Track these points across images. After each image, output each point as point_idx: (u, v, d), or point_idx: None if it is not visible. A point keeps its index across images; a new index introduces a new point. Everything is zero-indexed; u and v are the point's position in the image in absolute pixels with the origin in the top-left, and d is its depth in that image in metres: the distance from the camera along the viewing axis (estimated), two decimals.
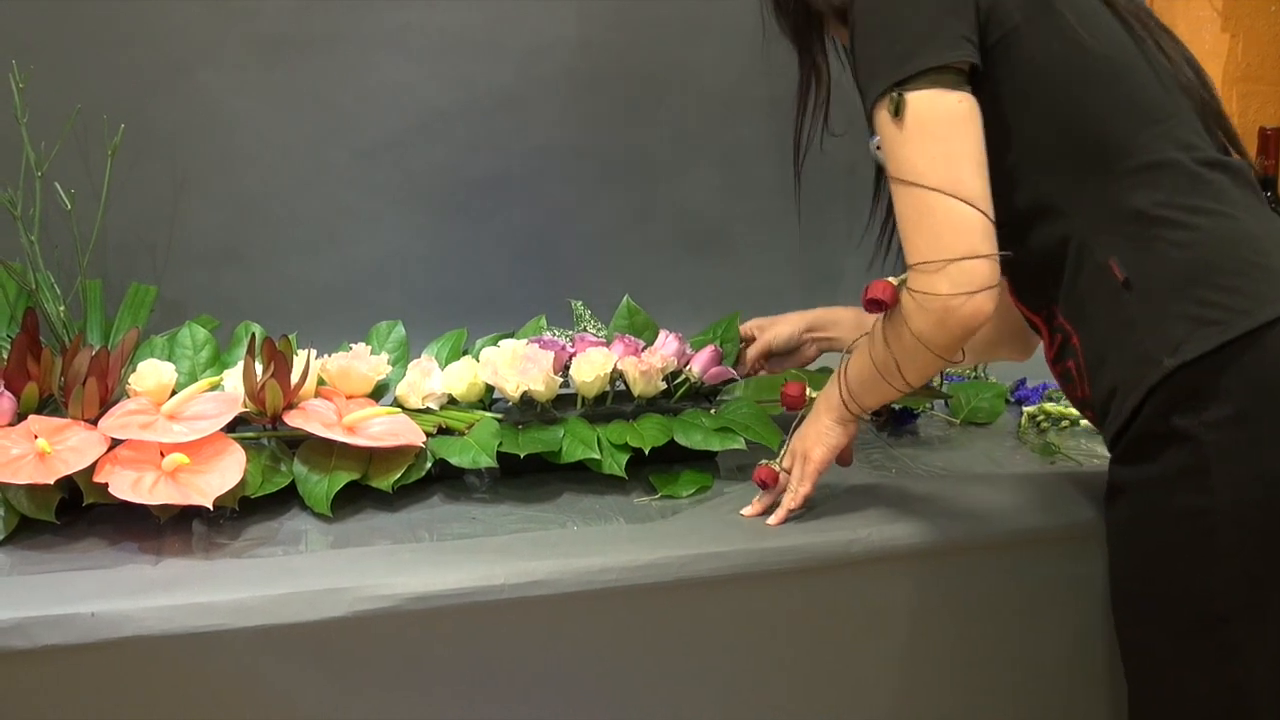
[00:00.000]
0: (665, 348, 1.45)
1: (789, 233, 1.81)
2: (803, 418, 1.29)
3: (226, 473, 1.23)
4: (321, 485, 1.28)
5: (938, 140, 1.06)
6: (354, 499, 1.30)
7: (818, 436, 1.25)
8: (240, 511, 1.26)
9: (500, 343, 1.44)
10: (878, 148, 1.11)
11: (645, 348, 1.46)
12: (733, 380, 1.50)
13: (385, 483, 1.29)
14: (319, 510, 1.26)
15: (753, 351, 1.54)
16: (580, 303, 1.57)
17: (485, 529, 1.25)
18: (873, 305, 1.12)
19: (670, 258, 1.80)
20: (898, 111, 1.06)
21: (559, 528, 1.25)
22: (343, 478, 1.28)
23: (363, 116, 1.67)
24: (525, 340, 1.44)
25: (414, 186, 1.70)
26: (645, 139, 1.77)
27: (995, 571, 1.27)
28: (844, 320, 1.51)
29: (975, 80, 1.10)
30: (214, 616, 1.07)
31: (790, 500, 1.25)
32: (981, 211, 1.05)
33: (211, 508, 1.20)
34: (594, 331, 1.53)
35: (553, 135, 1.72)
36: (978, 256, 1.05)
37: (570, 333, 1.52)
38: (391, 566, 1.15)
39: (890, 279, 1.12)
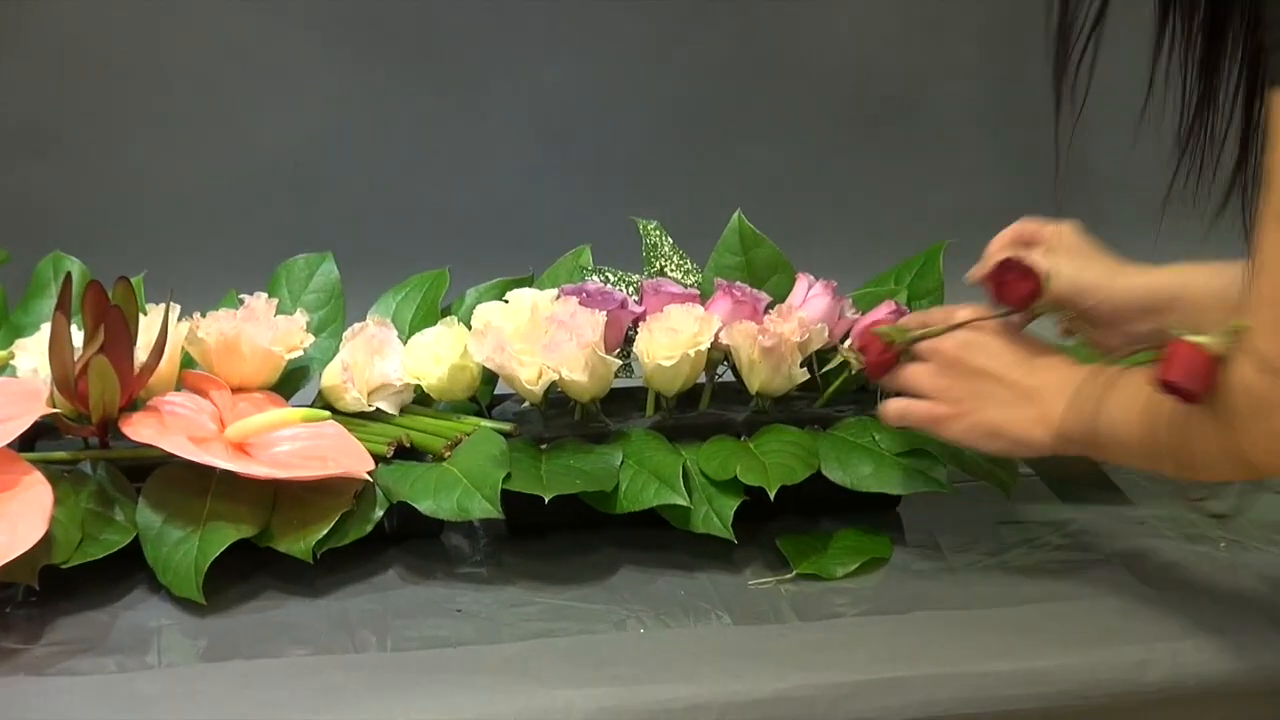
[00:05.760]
0: (808, 306, 1.45)
1: (1008, 105, 1.84)
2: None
3: (19, 523, 1.23)
4: (187, 548, 1.28)
5: None
6: (245, 573, 1.32)
7: (1002, 420, 1.30)
8: (44, 592, 1.26)
9: (508, 294, 1.45)
10: None
11: (771, 305, 1.44)
12: None
13: (301, 545, 1.30)
14: (182, 593, 1.27)
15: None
16: (654, 224, 1.54)
17: (480, 630, 1.27)
18: (1173, 391, 1.16)
19: (815, 142, 1.80)
20: None
21: (613, 629, 1.27)
22: (225, 535, 1.29)
23: None
24: (554, 292, 1.42)
25: (364, 15, 1.68)
26: None
27: None
28: (1194, 292, 1.46)
29: None
30: None
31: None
32: None
33: None
34: (678, 275, 1.50)
35: None
36: None
37: (636, 277, 1.50)
38: (313, 695, 1.15)
39: (1201, 340, 1.14)
